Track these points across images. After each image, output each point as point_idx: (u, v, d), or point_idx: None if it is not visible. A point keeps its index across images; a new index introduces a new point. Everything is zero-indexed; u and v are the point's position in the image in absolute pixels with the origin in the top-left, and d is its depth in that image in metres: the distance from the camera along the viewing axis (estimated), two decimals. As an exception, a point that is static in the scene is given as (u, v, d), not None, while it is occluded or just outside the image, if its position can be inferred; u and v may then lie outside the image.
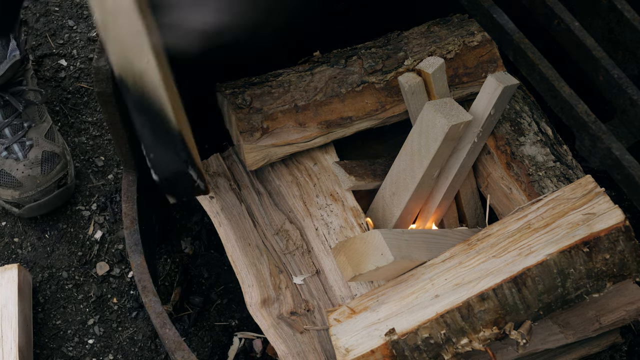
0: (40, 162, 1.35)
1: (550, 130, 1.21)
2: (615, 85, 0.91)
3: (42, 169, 1.34)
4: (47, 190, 1.35)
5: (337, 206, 1.13)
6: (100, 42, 0.94)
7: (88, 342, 1.30)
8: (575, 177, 1.16)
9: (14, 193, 1.34)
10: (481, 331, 0.90)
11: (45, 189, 1.35)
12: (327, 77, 1.17)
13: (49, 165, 1.35)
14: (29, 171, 1.33)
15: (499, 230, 0.96)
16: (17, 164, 1.34)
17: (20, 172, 1.33)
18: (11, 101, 1.35)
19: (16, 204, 1.36)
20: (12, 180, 1.33)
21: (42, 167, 1.35)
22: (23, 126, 1.36)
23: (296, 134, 1.15)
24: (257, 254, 1.11)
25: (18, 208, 1.36)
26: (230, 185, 1.17)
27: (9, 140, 1.35)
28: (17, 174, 1.33)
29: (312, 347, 1.02)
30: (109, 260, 1.37)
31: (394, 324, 0.91)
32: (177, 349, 0.92)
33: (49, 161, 1.36)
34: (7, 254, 1.38)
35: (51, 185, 1.35)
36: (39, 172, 1.34)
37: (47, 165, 1.35)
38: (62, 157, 1.38)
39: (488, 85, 1.15)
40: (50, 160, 1.36)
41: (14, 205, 1.36)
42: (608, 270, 0.90)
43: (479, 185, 1.25)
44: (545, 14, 0.97)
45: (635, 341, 1.25)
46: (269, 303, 1.06)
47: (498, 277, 0.89)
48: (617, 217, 0.88)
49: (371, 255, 0.96)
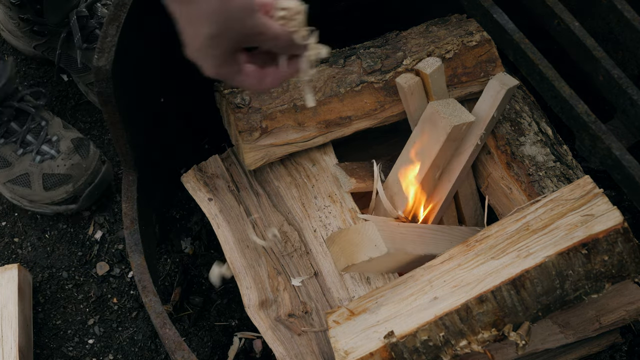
0: (75, 149, 1.35)
1: (550, 130, 1.21)
2: (615, 85, 0.91)
3: (81, 154, 1.35)
4: (95, 170, 1.36)
5: (336, 207, 1.13)
6: (101, 41, 0.94)
7: (88, 342, 1.30)
8: (575, 177, 1.16)
9: (67, 187, 1.33)
10: (480, 333, 0.90)
11: (93, 170, 1.35)
12: (326, 76, 1.16)
13: (85, 149, 1.36)
14: (70, 161, 1.33)
15: (497, 231, 0.96)
16: (55, 162, 1.33)
17: (64, 166, 1.33)
18: (22, 108, 1.35)
19: (73, 198, 1.35)
20: (60, 177, 1.33)
21: (80, 152, 1.35)
22: (41, 126, 1.36)
23: (295, 134, 1.14)
24: (255, 256, 1.11)
25: (75, 202, 1.36)
26: (228, 187, 1.17)
27: (35, 145, 1.35)
28: (62, 169, 1.33)
29: (310, 349, 1.02)
30: (109, 260, 1.37)
31: (393, 326, 0.91)
32: (177, 349, 0.92)
33: (81, 145, 1.36)
34: (7, 254, 1.38)
35: (96, 163, 1.36)
36: (79, 158, 1.34)
37: (82, 149, 1.36)
38: (86, 138, 1.39)
39: (491, 88, 1.15)
40: (82, 144, 1.37)
41: (70, 201, 1.36)
42: (607, 271, 0.89)
43: (479, 186, 1.25)
44: (545, 14, 0.97)
45: (635, 341, 1.24)
46: (267, 305, 1.06)
47: (497, 279, 0.89)
48: (616, 218, 0.88)
49: (365, 246, 0.96)
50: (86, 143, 1.37)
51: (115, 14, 0.95)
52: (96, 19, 1.43)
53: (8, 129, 1.34)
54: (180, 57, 1.18)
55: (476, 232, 1.01)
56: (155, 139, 1.18)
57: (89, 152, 1.36)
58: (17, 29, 1.49)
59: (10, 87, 1.32)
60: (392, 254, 0.97)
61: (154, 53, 1.08)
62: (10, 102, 1.34)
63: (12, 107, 1.34)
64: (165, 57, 1.13)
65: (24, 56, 1.59)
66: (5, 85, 1.31)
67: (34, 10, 1.41)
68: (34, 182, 1.34)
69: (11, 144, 1.34)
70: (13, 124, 1.35)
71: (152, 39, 1.06)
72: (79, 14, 1.39)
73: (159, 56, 1.11)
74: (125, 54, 0.96)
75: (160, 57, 1.11)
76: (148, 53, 1.07)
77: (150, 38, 1.05)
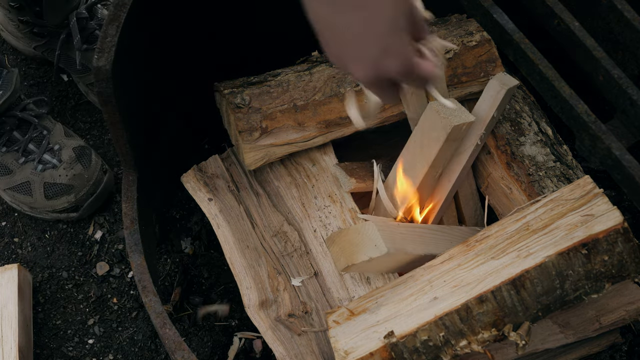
0: (76, 158, 1.35)
1: (550, 130, 1.21)
2: (615, 85, 0.91)
3: (83, 163, 1.35)
4: (97, 181, 1.36)
5: (336, 207, 1.13)
6: (100, 41, 0.94)
7: (88, 342, 1.30)
8: (575, 177, 1.16)
9: (69, 198, 1.34)
10: (480, 333, 0.90)
11: (95, 180, 1.36)
12: (326, 76, 1.16)
13: (87, 158, 1.36)
14: (72, 171, 1.34)
15: (497, 231, 0.96)
16: (57, 171, 1.33)
17: (65, 176, 1.33)
18: (24, 118, 1.35)
19: (74, 208, 1.36)
20: (62, 187, 1.33)
21: (82, 162, 1.35)
22: (43, 135, 1.36)
23: (295, 134, 1.14)
24: (255, 256, 1.11)
25: (76, 211, 1.36)
26: (228, 187, 1.17)
27: (37, 154, 1.34)
28: (63, 179, 1.33)
29: (310, 349, 1.02)
30: (109, 260, 1.37)
31: (393, 326, 0.91)
32: (177, 349, 0.92)
33: (83, 155, 1.36)
34: (7, 254, 1.38)
35: (98, 174, 1.36)
36: (81, 168, 1.34)
37: (84, 159, 1.36)
38: (88, 146, 1.39)
39: (491, 88, 1.15)
40: (84, 153, 1.37)
41: (71, 210, 1.36)
42: (607, 271, 0.89)
43: (479, 186, 1.25)
44: (545, 14, 0.97)
45: (635, 341, 1.24)
46: (266, 305, 1.06)
47: (497, 280, 0.89)
48: (616, 218, 0.88)
49: (365, 246, 0.96)
50: (88, 152, 1.37)
51: (115, 14, 0.95)
52: (96, 20, 1.43)
53: (10, 138, 1.35)
54: (180, 57, 1.19)
55: (476, 232, 1.01)
56: (155, 139, 1.18)
57: (90, 161, 1.36)
58: (17, 30, 1.50)
59: (14, 97, 1.32)
60: (392, 254, 0.97)
61: (154, 53, 1.09)
62: (14, 112, 1.34)
63: (15, 116, 1.34)
64: (165, 57, 1.13)
65: (24, 56, 1.59)
66: (10, 97, 1.31)
67: (33, 12, 1.41)
68: (35, 190, 1.34)
69: (13, 152, 1.35)
70: (15, 133, 1.35)
71: (152, 39, 1.06)
72: (79, 16, 1.39)
73: (159, 56, 1.11)
74: (125, 54, 0.96)
75: (160, 57, 1.11)
76: (148, 53, 1.07)
77: (150, 38, 1.06)
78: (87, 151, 1.37)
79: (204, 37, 1.20)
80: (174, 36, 1.13)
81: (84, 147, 1.38)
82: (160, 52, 1.10)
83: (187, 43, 1.17)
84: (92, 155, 1.38)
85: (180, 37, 1.15)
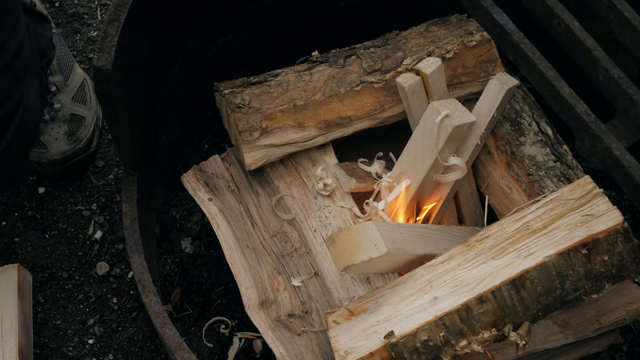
0: (67, 122, 1.35)
1: (550, 130, 1.21)
2: (615, 85, 0.91)
3: (68, 132, 1.35)
4: (72, 155, 1.36)
5: (336, 207, 1.13)
6: (101, 41, 0.94)
7: (88, 342, 1.30)
8: (575, 177, 1.16)
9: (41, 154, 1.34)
10: (480, 333, 0.90)
11: (71, 154, 1.35)
12: (325, 76, 1.16)
13: (74, 127, 1.36)
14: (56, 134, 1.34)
15: (497, 231, 0.96)
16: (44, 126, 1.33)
17: (48, 135, 1.33)
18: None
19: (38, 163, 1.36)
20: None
21: (69, 129, 1.35)
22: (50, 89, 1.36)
23: (295, 134, 1.14)
24: (255, 256, 1.11)
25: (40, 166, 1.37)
26: (228, 187, 1.17)
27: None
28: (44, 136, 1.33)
29: (310, 349, 1.02)
30: (109, 260, 1.37)
31: (393, 326, 0.91)
32: (177, 349, 0.92)
33: (74, 121, 1.36)
34: (7, 254, 1.38)
35: (77, 151, 1.36)
36: (65, 138, 1.34)
37: (73, 125, 1.36)
38: (88, 119, 1.39)
39: (491, 88, 1.15)
40: (76, 121, 1.36)
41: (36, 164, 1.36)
42: (607, 271, 0.89)
43: (479, 186, 1.25)
44: (545, 14, 0.97)
45: (635, 341, 1.24)
46: (266, 305, 1.06)
47: (497, 279, 0.89)
48: (616, 218, 0.88)
49: (365, 246, 0.96)
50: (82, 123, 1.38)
51: (115, 14, 0.95)
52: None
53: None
54: (179, 57, 1.19)
55: (476, 232, 1.01)
56: (155, 139, 1.18)
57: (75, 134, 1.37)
58: None
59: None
60: (392, 254, 0.96)
61: (154, 53, 1.09)
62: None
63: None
64: (165, 57, 1.13)
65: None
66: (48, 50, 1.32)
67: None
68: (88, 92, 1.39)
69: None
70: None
71: (152, 39, 1.06)
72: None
73: (159, 56, 1.11)
74: (125, 54, 0.96)
75: (160, 57, 1.11)
76: (148, 53, 1.07)
77: (150, 38, 1.06)
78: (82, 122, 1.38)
79: (204, 36, 1.20)
80: (174, 36, 1.13)
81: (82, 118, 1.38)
82: (160, 52, 1.10)
83: (187, 43, 1.17)
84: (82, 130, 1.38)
85: (180, 37, 1.15)
